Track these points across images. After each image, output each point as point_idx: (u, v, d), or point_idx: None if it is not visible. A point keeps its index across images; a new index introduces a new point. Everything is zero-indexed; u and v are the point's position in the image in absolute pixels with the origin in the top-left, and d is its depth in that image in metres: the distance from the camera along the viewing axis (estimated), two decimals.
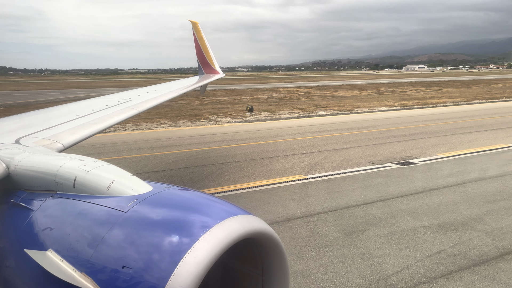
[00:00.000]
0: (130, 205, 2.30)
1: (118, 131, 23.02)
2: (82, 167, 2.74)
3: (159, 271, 1.95)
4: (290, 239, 8.10)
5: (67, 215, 2.49)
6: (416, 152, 16.23)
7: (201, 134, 21.84)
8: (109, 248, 2.13)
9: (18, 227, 2.67)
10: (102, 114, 6.28)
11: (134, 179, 2.61)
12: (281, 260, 2.42)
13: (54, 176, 2.76)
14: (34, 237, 2.52)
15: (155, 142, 19.40)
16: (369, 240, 7.99)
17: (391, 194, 10.95)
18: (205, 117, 29.36)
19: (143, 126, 24.95)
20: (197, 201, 2.46)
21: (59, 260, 2.22)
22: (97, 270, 2.09)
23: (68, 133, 4.78)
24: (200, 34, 16.45)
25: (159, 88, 9.94)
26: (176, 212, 2.25)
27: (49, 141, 4.28)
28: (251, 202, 10.37)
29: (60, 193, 2.71)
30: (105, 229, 2.21)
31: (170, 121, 27.30)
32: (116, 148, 17.96)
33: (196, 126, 25.27)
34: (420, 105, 37.15)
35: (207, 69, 16.59)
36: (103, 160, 2.94)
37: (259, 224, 2.27)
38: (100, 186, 2.54)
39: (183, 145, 18.64)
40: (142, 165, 14.68)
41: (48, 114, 5.90)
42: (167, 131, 23.15)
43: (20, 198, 2.87)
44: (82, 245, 2.22)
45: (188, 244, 2.00)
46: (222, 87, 75.44)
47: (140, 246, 2.06)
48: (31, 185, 2.92)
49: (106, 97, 7.85)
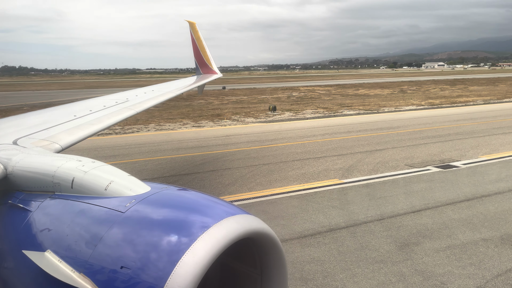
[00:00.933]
0: (128, 206, 2.28)
1: (141, 132, 22.64)
2: (80, 167, 2.70)
3: (158, 271, 1.94)
4: (338, 252, 7.39)
5: (65, 215, 2.47)
6: (455, 154, 15.30)
7: (225, 134, 21.24)
8: (108, 249, 2.12)
9: (16, 228, 2.65)
10: (100, 114, 6.21)
11: (132, 179, 2.59)
12: (279, 260, 2.40)
13: (52, 177, 2.74)
14: (32, 238, 2.50)
15: (179, 143, 18.89)
16: (426, 255, 7.23)
17: (438, 201, 10.13)
18: (228, 117, 28.80)
19: (166, 127, 24.51)
20: (196, 201, 2.43)
21: (58, 261, 2.20)
22: (96, 271, 2.08)
23: (66, 134, 4.78)
24: (198, 34, 16.41)
25: (156, 89, 9.94)
26: (174, 212, 2.24)
27: (47, 142, 4.26)
28: (287, 210, 9.71)
29: (58, 194, 2.68)
30: (103, 229, 2.19)
31: (193, 121, 26.81)
32: (141, 149, 17.50)
33: (219, 126, 24.70)
34: (449, 104, 35.85)
35: (204, 69, 16.60)
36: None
37: (257, 224, 2.26)
38: (98, 187, 2.52)
39: (209, 146, 18.08)
40: (169, 168, 14.16)
41: (46, 115, 5.82)
42: (191, 132, 22.63)
43: (18, 199, 2.84)
44: (80, 245, 2.20)
45: (186, 244, 1.99)
46: (241, 86, 74.97)
47: (138, 246, 2.05)
48: (29, 186, 2.90)
49: (104, 97, 7.77)
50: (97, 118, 5.93)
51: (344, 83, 79.86)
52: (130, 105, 7.22)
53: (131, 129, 23.39)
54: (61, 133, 4.75)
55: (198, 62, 16.71)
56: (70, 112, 5.97)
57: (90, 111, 6.27)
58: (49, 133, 4.62)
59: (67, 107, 6.68)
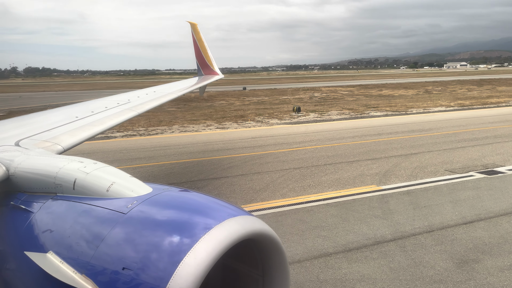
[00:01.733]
0: (130, 207, 2.28)
1: (166, 133, 22.29)
2: (81, 169, 2.69)
3: (159, 272, 1.93)
4: (390, 269, 6.73)
5: (67, 217, 2.45)
6: (498, 159, 14.39)
7: (251, 136, 20.70)
8: (109, 250, 2.10)
9: (18, 230, 2.65)
10: (101, 116, 6.21)
11: (134, 180, 2.58)
12: (281, 261, 2.39)
13: (53, 178, 2.73)
14: (34, 239, 2.49)
15: (205, 146, 18.43)
16: (490, 274, 6.50)
17: (490, 211, 9.35)
18: (251, 118, 28.28)
19: (190, 128, 24.14)
20: (197, 202, 2.42)
21: (60, 262, 2.20)
22: (98, 272, 2.07)
23: (67, 135, 4.76)
24: (199, 35, 16.41)
25: (158, 90, 9.94)
26: (175, 214, 2.22)
27: (48, 143, 4.27)
28: (327, 219, 9.08)
29: (60, 195, 2.68)
30: (105, 230, 2.19)
31: (217, 122, 26.37)
32: (166, 151, 17.10)
33: (244, 128, 24.17)
34: (479, 105, 34.52)
35: (206, 70, 16.63)
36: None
37: (259, 225, 2.24)
38: (100, 188, 2.51)
39: (235, 148, 17.56)
40: (196, 171, 13.68)
41: (48, 117, 5.84)
42: (216, 134, 22.17)
43: (20, 200, 2.84)
44: (82, 247, 2.20)
45: (188, 245, 1.98)
46: (261, 87, 74.46)
47: (140, 247, 2.04)
48: (31, 187, 2.89)
49: (106, 99, 7.74)
50: (99, 120, 5.91)
51: (366, 84, 78.51)
52: (131, 106, 7.19)
53: (155, 131, 23.10)
54: (63, 135, 4.72)
55: (200, 63, 16.74)
56: (72, 113, 5.94)
57: (92, 113, 6.24)
58: (51, 135, 4.60)
59: (69, 109, 6.66)
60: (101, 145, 18.58)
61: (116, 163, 14.15)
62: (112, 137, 20.87)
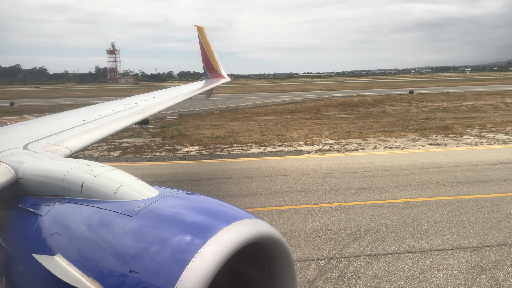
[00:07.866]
0: (137, 210, 2.25)
1: (366, 149, 17.96)
2: (89, 172, 2.66)
3: (166, 275, 1.90)
4: None
5: (74, 220, 2.41)
6: None
7: (499, 161, 14.94)
8: (117, 253, 2.07)
9: (27, 232, 2.62)
10: (109, 119, 6.12)
11: (141, 183, 2.55)
12: (288, 265, 2.35)
13: (61, 181, 2.71)
14: (42, 242, 2.46)
15: (445, 173, 13.45)
16: None
17: None
18: (460, 130, 22.32)
19: (392, 142, 19.33)
20: (204, 205, 2.37)
21: (67, 265, 2.17)
22: (105, 275, 2.04)
23: (75, 139, 4.69)
24: (206, 39, 16.31)
25: (165, 93, 9.96)
26: (182, 217, 2.17)
27: (56, 147, 4.20)
28: None
29: (68, 198, 2.65)
30: (112, 233, 2.16)
31: (420, 135, 21.01)
32: (392, 179, 12.63)
33: (466, 145, 18.46)
34: None
35: (213, 73, 16.69)
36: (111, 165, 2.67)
37: (266, 228, 2.20)
38: (108, 191, 2.48)
39: (490, 181, 12.23)
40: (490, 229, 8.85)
41: (56, 120, 5.83)
42: (439, 153, 16.85)
43: (28, 203, 2.82)
44: (89, 249, 2.16)
45: (195, 248, 1.95)
46: (429, 91, 65.81)
47: (147, 250, 2.00)
48: (39, 190, 2.87)
49: (113, 102, 7.74)
50: (106, 123, 5.85)
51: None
52: (139, 110, 7.24)
53: (350, 145, 18.89)
54: (71, 138, 4.66)
55: (206, 66, 16.66)
56: (79, 117, 5.91)
57: (99, 116, 6.20)
58: (59, 138, 4.55)
59: (77, 112, 6.63)
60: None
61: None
62: (304, 152, 17.41)
